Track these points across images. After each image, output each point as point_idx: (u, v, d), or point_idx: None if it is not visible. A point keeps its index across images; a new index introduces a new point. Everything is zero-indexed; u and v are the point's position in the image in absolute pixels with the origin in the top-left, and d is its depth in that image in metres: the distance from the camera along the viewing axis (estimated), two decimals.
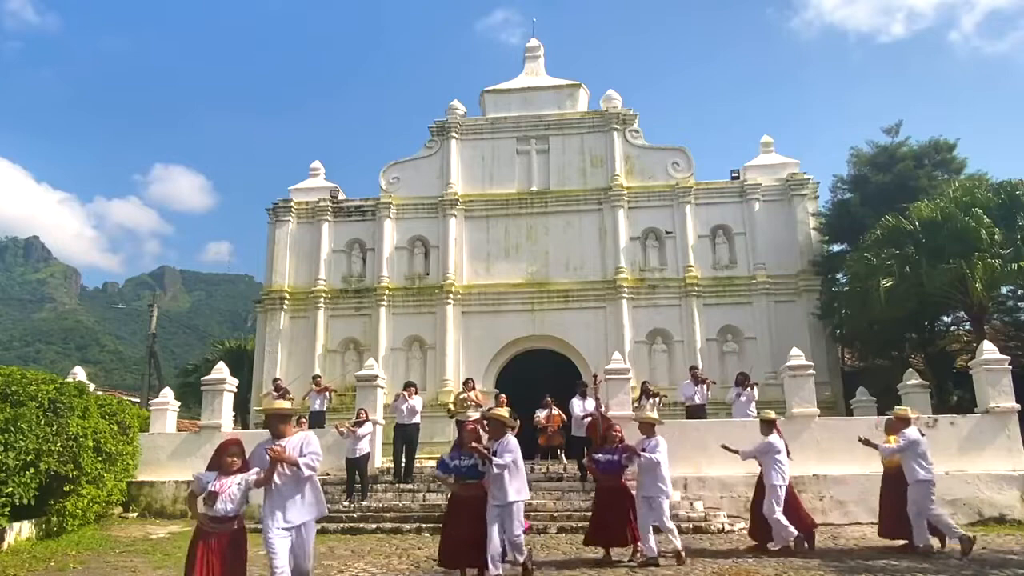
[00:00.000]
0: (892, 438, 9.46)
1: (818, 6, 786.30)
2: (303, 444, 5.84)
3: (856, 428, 13.35)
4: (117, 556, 9.69)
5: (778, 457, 9.56)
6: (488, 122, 22.59)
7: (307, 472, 5.77)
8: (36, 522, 10.57)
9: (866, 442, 9.62)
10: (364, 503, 12.79)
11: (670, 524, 8.71)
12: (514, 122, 22.41)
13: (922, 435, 9.45)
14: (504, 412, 8.08)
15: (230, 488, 5.59)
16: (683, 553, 8.56)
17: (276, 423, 5.97)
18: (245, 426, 19.88)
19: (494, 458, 7.39)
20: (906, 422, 9.45)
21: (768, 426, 9.99)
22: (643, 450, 8.85)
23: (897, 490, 9.42)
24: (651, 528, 8.64)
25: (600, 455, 9.10)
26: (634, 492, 8.96)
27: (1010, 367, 13.16)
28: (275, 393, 16.23)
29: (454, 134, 22.34)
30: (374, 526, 11.69)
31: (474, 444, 7.60)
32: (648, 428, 9.21)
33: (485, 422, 8.19)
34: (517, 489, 7.52)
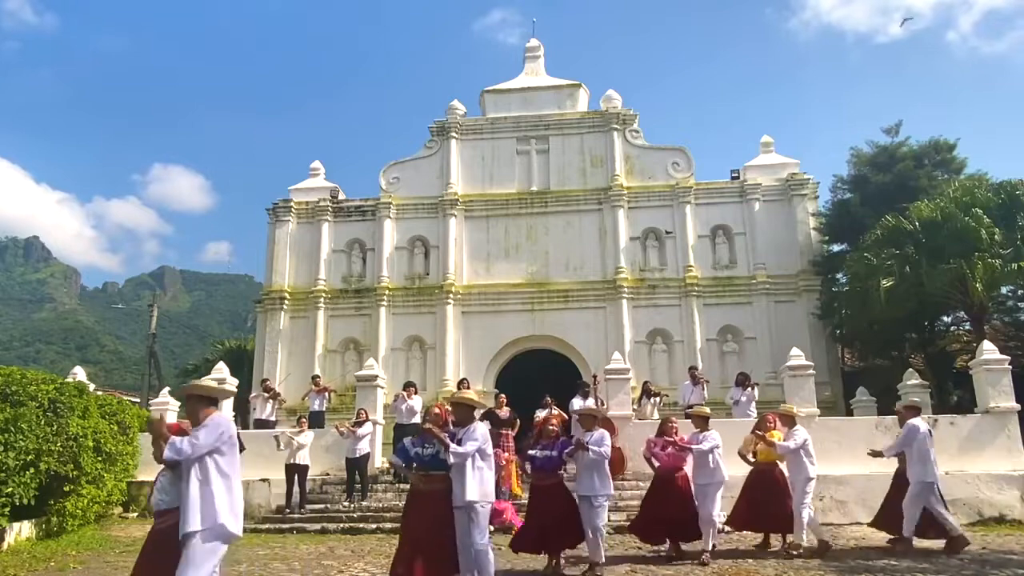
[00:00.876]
0: (776, 434, 9.39)
1: (816, 6, 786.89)
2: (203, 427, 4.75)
3: (856, 428, 13.43)
4: (117, 556, 9.68)
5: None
6: (488, 122, 22.58)
7: (168, 453, 4.59)
8: (36, 522, 10.57)
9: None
10: (364, 503, 12.78)
11: (602, 530, 7.91)
12: (514, 122, 22.41)
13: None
14: (471, 394, 7.44)
15: (159, 477, 4.87)
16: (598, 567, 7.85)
17: (193, 404, 4.97)
18: (245, 426, 19.84)
19: (453, 445, 6.31)
20: (792, 420, 9.55)
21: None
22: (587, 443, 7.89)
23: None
24: (593, 532, 7.82)
25: (535, 451, 8.04)
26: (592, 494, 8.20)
27: (1010, 367, 13.16)
28: (264, 395, 16.24)
29: (454, 134, 22.34)
30: (374, 526, 11.69)
31: (430, 427, 6.49)
32: (590, 421, 8.43)
33: (450, 407, 7.00)
34: (479, 488, 6.37)
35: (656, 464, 9.08)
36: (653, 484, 9.28)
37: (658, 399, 15.51)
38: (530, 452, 8.18)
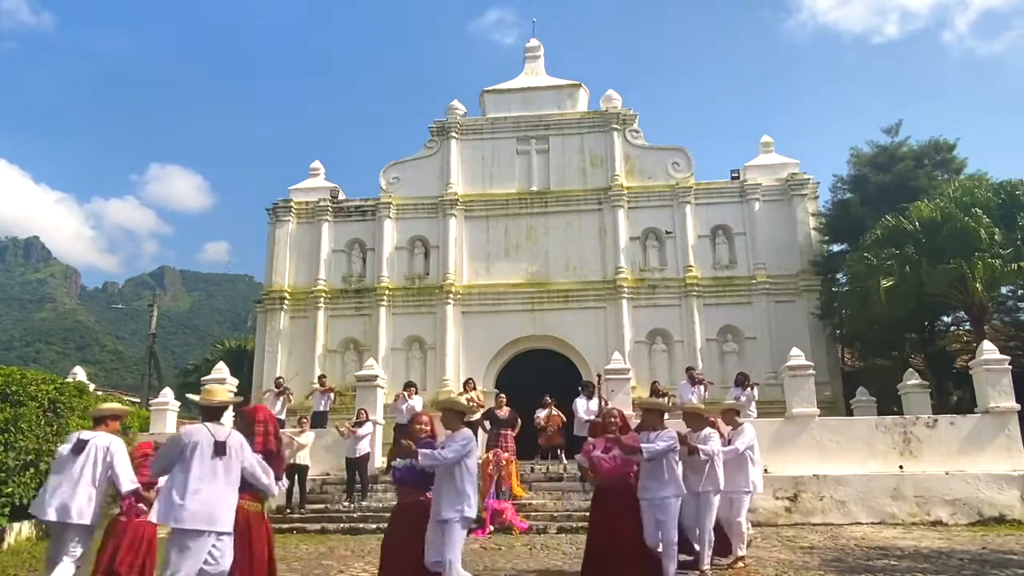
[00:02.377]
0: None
1: (812, 7, 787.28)
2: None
3: (856, 428, 13.44)
4: None
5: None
6: (488, 122, 22.58)
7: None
8: (36, 522, 10.56)
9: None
10: (364, 503, 12.79)
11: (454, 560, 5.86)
12: (514, 122, 22.41)
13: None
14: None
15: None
16: None
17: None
18: None
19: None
20: (737, 415, 8.46)
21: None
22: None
23: None
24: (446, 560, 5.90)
25: (397, 461, 6.21)
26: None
27: (1010, 367, 13.16)
28: (275, 391, 16.26)
29: (454, 134, 22.34)
30: (374, 526, 11.67)
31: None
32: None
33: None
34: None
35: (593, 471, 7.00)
36: (594, 501, 7.05)
37: (666, 399, 15.50)
38: (392, 464, 6.41)
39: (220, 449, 5.15)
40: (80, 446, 6.13)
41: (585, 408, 13.77)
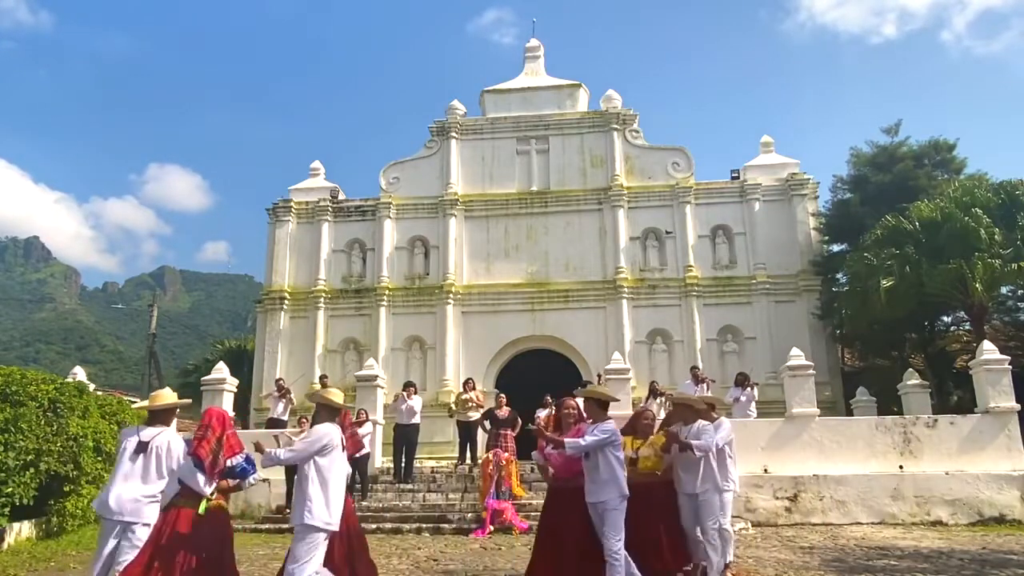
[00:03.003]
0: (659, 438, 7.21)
1: (810, 8, 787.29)
2: None
3: (856, 428, 13.44)
4: None
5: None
6: (488, 122, 22.58)
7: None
8: (36, 522, 10.56)
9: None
10: (364, 503, 12.78)
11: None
12: (514, 122, 22.41)
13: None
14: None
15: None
16: None
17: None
18: (246, 426, 19.86)
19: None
20: (712, 409, 7.43)
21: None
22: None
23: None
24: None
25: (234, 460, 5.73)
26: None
27: (1010, 367, 13.16)
28: (276, 393, 16.26)
29: (454, 134, 22.34)
30: (374, 526, 11.68)
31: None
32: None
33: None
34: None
35: (550, 471, 6.54)
36: (545, 501, 6.76)
37: (664, 399, 15.50)
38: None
39: (140, 448, 5.70)
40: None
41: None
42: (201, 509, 5.51)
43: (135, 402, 21.42)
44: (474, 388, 15.39)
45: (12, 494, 9.57)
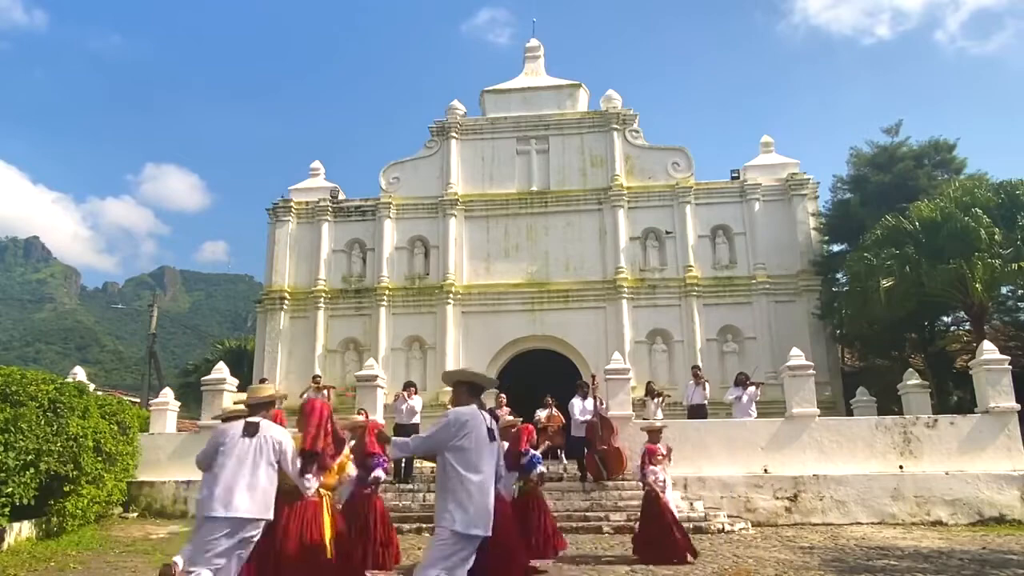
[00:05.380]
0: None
1: (804, 10, 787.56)
2: None
3: (856, 428, 13.44)
4: (117, 556, 9.68)
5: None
6: (488, 122, 22.58)
7: None
8: (36, 522, 10.56)
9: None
10: None
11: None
12: (514, 122, 22.41)
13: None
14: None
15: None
16: None
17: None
18: None
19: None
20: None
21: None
22: None
23: None
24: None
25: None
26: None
27: (1010, 367, 13.18)
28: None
29: (454, 134, 22.34)
30: None
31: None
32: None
33: None
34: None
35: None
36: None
37: (660, 399, 15.52)
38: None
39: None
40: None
41: (581, 408, 13.77)
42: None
43: (136, 402, 21.48)
44: None
45: (12, 494, 9.56)
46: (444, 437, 4.82)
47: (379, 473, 7.14)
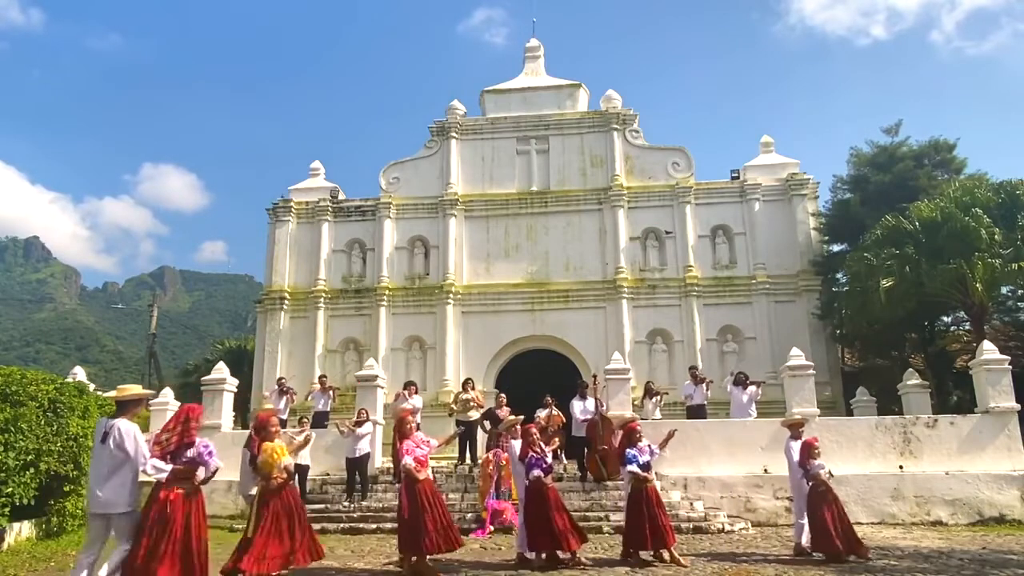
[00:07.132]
0: None
1: (800, 11, 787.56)
2: None
3: (856, 428, 13.44)
4: None
5: None
6: (488, 122, 22.58)
7: None
8: (36, 522, 10.56)
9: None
10: (364, 503, 12.79)
11: None
12: (514, 122, 22.41)
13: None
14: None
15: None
16: None
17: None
18: (245, 426, 19.85)
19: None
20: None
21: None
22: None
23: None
24: None
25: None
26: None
27: (1010, 367, 13.18)
28: (276, 389, 16.26)
29: (454, 134, 22.34)
30: (374, 526, 11.69)
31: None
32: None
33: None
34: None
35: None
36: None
37: (658, 398, 15.53)
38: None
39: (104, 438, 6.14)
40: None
41: (581, 408, 13.77)
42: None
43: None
44: (474, 388, 15.38)
45: (12, 494, 9.57)
46: None
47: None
